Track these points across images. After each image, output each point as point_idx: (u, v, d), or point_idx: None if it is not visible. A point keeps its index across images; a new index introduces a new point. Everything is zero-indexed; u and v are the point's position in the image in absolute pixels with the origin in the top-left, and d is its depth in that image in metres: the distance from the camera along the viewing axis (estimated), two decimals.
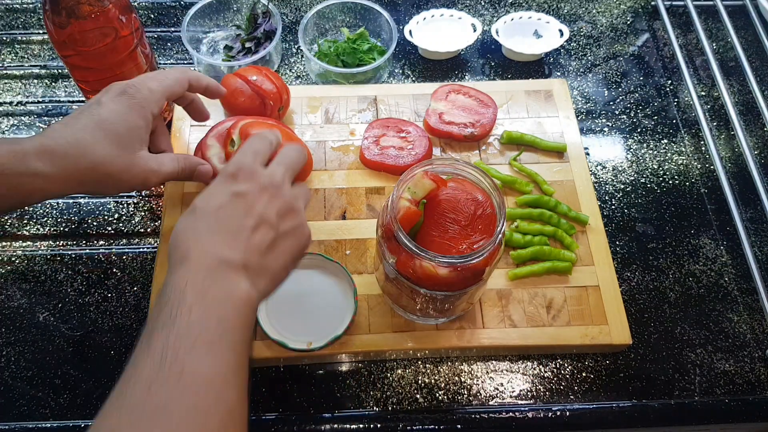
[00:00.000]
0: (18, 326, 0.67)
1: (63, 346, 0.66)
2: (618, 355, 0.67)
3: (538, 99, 0.83)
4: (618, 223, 0.77)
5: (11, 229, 0.73)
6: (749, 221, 0.77)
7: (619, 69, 0.91)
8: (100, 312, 0.68)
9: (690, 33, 0.96)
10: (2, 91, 0.85)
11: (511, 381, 0.66)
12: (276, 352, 0.63)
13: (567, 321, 0.66)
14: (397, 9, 0.96)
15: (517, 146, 0.79)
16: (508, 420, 0.63)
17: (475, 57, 0.92)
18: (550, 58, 0.92)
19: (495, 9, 0.97)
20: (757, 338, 0.69)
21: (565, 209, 0.73)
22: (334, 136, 0.79)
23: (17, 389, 0.63)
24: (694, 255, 0.75)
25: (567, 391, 0.65)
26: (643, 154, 0.83)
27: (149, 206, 0.76)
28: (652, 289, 0.72)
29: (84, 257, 0.71)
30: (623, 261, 0.74)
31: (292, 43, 0.91)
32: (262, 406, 0.63)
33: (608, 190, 0.79)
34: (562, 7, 0.98)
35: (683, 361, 0.67)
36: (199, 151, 0.68)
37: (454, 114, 0.79)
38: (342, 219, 0.72)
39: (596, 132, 0.85)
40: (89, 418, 0.62)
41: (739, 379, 0.66)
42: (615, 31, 0.96)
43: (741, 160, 0.82)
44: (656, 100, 0.88)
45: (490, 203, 0.57)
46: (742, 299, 0.72)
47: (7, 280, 0.70)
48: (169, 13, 0.94)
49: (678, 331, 0.69)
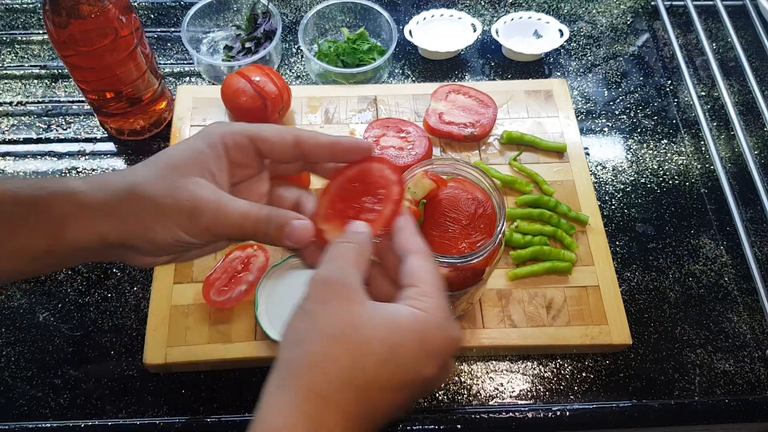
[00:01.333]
0: (18, 326, 0.67)
1: (63, 346, 0.66)
2: (618, 355, 0.67)
3: (538, 99, 0.83)
4: (618, 223, 0.77)
5: None
6: (749, 221, 0.77)
7: (619, 69, 0.91)
8: (100, 312, 0.68)
9: (690, 33, 0.96)
10: (2, 91, 0.85)
11: (511, 381, 0.66)
12: (276, 352, 0.63)
13: (567, 321, 0.66)
14: (397, 9, 0.96)
15: (517, 146, 0.79)
16: (508, 420, 0.63)
17: (475, 57, 0.92)
18: (550, 58, 0.92)
19: (495, 9, 0.97)
20: (757, 338, 0.69)
21: (565, 209, 0.73)
22: None
23: (17, 389, 0.63)
24: (694, 255, 0.75)
25: (567, 391, 0.65)
26: (643, 154, 0.83)
27: None
28: (652, 289, 0.72)
29: None
30: (623, 261, 0.74)
31: (292, 43, 0.91)
32: None
33: (608, 190, 0.79)
34: (562, 7, 0.98)
35: (683, 361, 0.67)
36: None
37: (454, 114, 0.79)
38: None
39: (596, 132, 0.85)
40: (89, 418, 0.62)
41: (739, 379, 0.66)
42: (615, 31, 0.96)
43: (741, 160, 0.82)
44: (656, 100, 0.88)
45: (491, 203, 0.57)
46: (742, 299, 0.72)
47: None
48: (169, 13, 0.94)
49: (678, 331, 0.69)
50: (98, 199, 0.40)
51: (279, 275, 0.67)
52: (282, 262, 0.67)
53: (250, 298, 0.65)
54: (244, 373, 0.64)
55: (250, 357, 0.63)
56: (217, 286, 0.65)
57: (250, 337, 0.64)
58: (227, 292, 0.65)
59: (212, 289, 0.65)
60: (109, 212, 0.40)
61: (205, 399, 0.63)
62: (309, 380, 0.36)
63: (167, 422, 0.61)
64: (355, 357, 0.36)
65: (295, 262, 0.67)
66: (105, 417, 0.62)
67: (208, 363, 0.63)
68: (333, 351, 0.36)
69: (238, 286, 0.66)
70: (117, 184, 0.41)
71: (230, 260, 0.67)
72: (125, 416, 0.62)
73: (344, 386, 0.36)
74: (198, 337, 0.63)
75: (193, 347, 0.63)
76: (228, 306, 0.65)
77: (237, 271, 0.67)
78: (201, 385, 0.64)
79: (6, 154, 0.79)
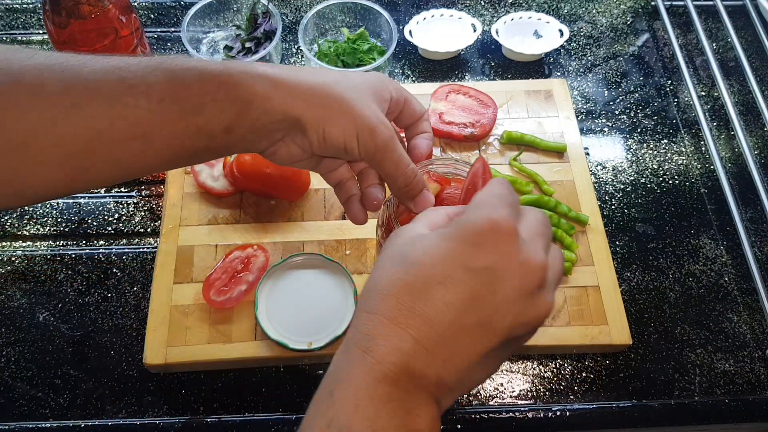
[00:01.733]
0: (18, 326, 0.67)
1: (63, 346, 0.66)
2: (618, 355, 0.67)
3: (538, 99, 0.83)
4: (618, 223, 0.77)
5: (11, 229, 0.73)
6: (749, 221, 0.77)
7: (619, 69, 0.91)
8: (100, 312, 0.68)
9: (690, 33, 0.96)
10: None
11: (511, 381, 0.66)
12: (276, 352, 0.63)
13: (567, 321, 0.66)
14: (397, 9, 0.96)
15: (517, 146, 0.79)
16: (508, 420, 0.63)
17: (475, 57, 0.92)
18: (550, 58, 0.92)
19: (495, 9, 0.97)
20: (757, 338, 0.69)
21: (565, 209, 0.73)
22: None
23: (17, 389, 0.63)
24: (694, 255, 0.75)
25: (567, 391, 0.65)
26: (643, 154, 0.83)
27: (149, 206, 0.76)
28: (652, 289, 0.72)
29: (84, 257, 0.71)
30: (623, 261, 0.74)
31: (292, 43, 0.91)
32: (262, 406, 0.63)
33: (608, 190, 0.79)
34: (562, 7, 0.98)
35: (683, 361, 0.67)
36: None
37: (454, 114, 0.79)
38: (342, 219, 0.72)
39: (596, 132, 0.85)
40: (89, 418, 0.62)
41: (739, 379, 0.66)
42: (615, 31, 0.96)
43: (741, 160, 0.82)
44: (656, 100, 0.88)
45: None
46: (742, 299, 0.72)
47: (7, 280, 0.70)
48: (169, 13, 0.94)
49: (678, 331, 0.69)
50: (292, 81, 0.43)
51: (279, 275, 0.67)
52: (282, 262, 0.67)
53: (250, 298, 0.65)
54: (244, 373, 0.64)
55: (250, 357, 0.63)
56: (217, 286, 0.65)
57: (250, 337, 0.64)
58: (227, 292, 0.65)
59: (212, 289, 0.65)
60: (300, 94, 0.43)
61: (205, 399, 0.63)
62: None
63: (167, 422, 0.61)
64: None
65: (295, 262, 0.67)
66: (105, 417, 0.62)
67: (208, 363, 0.63)
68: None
69: (238, 286, 0.66)
70: (310, 76, 0.44)
71: (230, 260, 0.67)
72: (125, 416, 0.62)
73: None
74: (198, 337, 0.63)
75: (193, 347, 0.63)
76: (228, 306, 0.65)
77: (237, 271, 0.67)
78: (201, 385, 0.64)
79: None
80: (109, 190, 0.76)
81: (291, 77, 0.43)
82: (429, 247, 0.35)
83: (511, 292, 0.34)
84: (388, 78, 0.49)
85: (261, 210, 0.72)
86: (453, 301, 0.34)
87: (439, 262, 0.35)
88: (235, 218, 0.72)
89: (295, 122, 0.43)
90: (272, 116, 0.42)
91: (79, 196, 0.75)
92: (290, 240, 0.70)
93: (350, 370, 0.34)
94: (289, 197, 0.73)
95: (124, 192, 0.76)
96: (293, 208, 0.73)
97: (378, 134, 0.44)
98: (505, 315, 0.34)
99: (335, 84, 0.44)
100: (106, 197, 0.76)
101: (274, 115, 0.42)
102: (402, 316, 0.34)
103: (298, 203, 0.73)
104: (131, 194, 0.76)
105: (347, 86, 0.44)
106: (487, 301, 0.34)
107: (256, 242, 0.69)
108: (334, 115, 0.43)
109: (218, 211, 0.72)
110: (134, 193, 0.76)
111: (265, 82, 0.42)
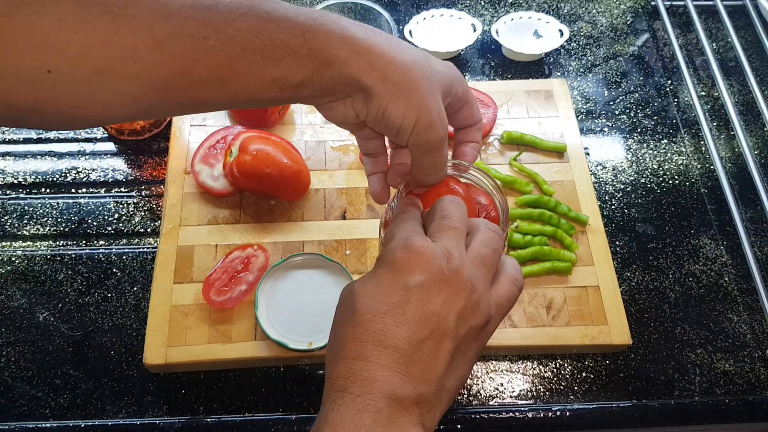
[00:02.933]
0: (18, 326, 0.67)
1: (63, 346, 0.66)
2: (618, 355, 0.67)
3: (538, 99, 0.83)
4: (618, 223, 0.77)
5: (11, 229, 0.73)
6: (749, 221, 0.77)
7: (619, 69, 0.91)
8: (100, 312, 0.68)
9: (690, 33, 0.96)
10: None
11: (511, 381, 0.66)
12: (276, 352, 0.63)
13: (567, 321, 0.66)
14: (397, 9, 0.96)
15: (517, 146, 0.79)
16: (508, 420, 0.63)
17: (475, 57, 0.92)
18: (550, 58, 0.92)
19: (495, 9, 0.97)
20: (757, 338, 0.69)
21: (565, 209, 0.73)
22: (334, 136, 0.79)
23: (17, 389, 0.63)
24: (694, 255, 0.75)
25: (567, 391, 0.65)
26: (643, 154, 0.83)
27: (149, 206, 0.76)
28: (652, 289, 0.72)
29: (84, 257, 0.71)
30: (623, 261, 0.74)
31: None
32: (262, 406, 0.63)
33: (608, 190, 0.80)
34: (562, 7, 0.98)
35: (683, 361, 0.67)
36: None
37: None
38: (342, 219, 0.72)
39: (596, 132, 0.85)
40: (89, 418, 0.62)
41: (739, 379, 0.66)
42: (615, 31, 0.96)
43: (741, 160, 0.82)
44: (656, 100, 0.88)
45: (493, 205, 0.57)
46: (742, 299, 0.72)
47: (7, 280, 0.70)
48: None
49: (678, 331, 0.69)
50: (375, 51, 0.42)
51: (279, 275, 0.67)
52: (282, 262, 0.67)
53: (250, 298, 0.65)
54: (244, 373, 0.64)
55: (250, 357, 0.63)
56: (217, 286, 0.65)
57: (250, 337, 0.64)
58: (227, 292, 0.65)
59: (212, 289, 0.65)
60: (379, 67, 0.42)
61: (205, 399, 0.63)
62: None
63: (167, 422, 0.61)
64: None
65: (295, 262, 0.67)
66: (105, 417, 0.62)
67: (208, 363, 0.63)
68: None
69: (238, 286, 0.66)
70: (393, 49, 0.43)
71: (230, 260, 0.67)
72: (125, 416, 0.62)
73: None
74: (198, 337, 0.63)
75: (193, 347, 0.63)
76: (228, 306, 0.65)
77: (237, 271, 0.67)
78: (201, 385, 0.64)
79: (6, 154, 0.79)
80: (109, 190, 0.76)
81: (375, 46, 0.42)
82: (366, 288, 0.40)
83: (446, 294, 0.39)
84: (461, 75, 0.49)
85: (261, 210, 0.72)
86: (403, 321, 0.38)
87: (379, 295, 0.39)
88: (235, 218, 0.72)
89: (363, 90, 0.43)
90: (345, 79, 0.42)
91: (79, 196, 0.75)
92: (290, 240, 0.70)
93: (333, 410, 0.36)
94: (289, 197, 0.73)
95: (124, 192, 0.77)
96: (293, 208, 0.73)
97: (434, 131, 0.44)
98: (448, 317, 0.38)
99: (414, 65, 0.44)
100: (106, 197, 0.76)
101: (348, 78, 0.42)
102: (368, 352, 0.37)
103: (298, 203, 0.73)
104: (131, 194, 0.76)
105: (424, 72, 0.44)
106: (430, 310, 0.38)
107: (256, 242, 0.69)
108: (401, 97, 0.43)
109: (218, 211, 0.72)
110: (134, 193, 0.76)
111: (348, 47, 0.41)
